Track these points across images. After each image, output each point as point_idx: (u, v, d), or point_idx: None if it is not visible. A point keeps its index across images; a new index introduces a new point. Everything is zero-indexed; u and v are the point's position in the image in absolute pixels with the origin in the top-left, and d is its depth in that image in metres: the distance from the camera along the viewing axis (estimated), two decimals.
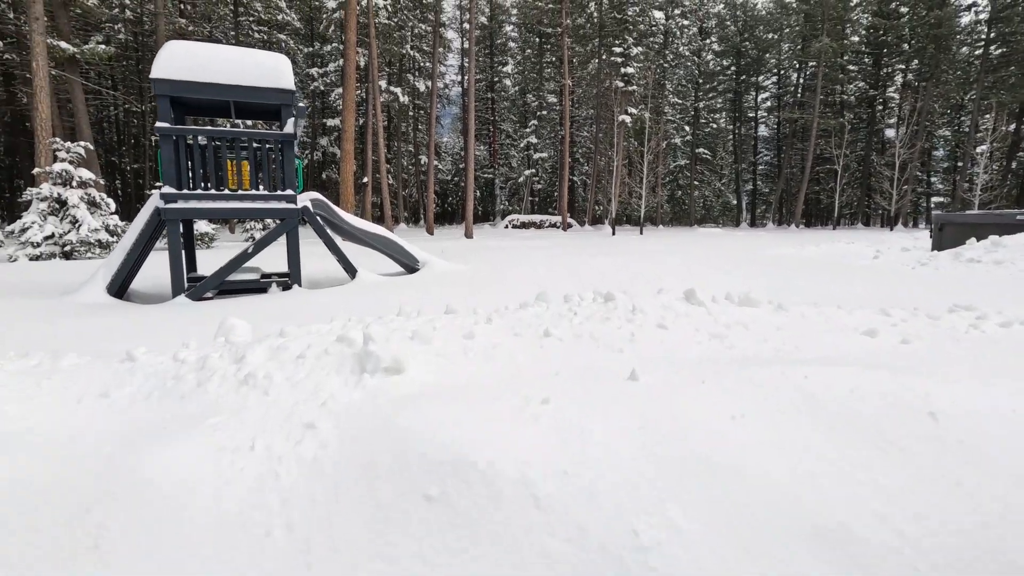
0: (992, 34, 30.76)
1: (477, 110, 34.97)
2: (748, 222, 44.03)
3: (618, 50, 29.04)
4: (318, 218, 7.31)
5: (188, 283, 6.74)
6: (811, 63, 34.49)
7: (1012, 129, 30.59)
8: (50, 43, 14.89)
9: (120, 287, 6.38)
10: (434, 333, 2.02)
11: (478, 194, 40.14)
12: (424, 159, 32.37)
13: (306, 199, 7.21)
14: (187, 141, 6.26)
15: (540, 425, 1.31)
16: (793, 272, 7.95)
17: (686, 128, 37.76)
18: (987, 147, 26.99)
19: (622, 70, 28.89)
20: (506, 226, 30.01)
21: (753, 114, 43.53)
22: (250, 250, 6.88)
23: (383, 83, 26.03)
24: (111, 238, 12.15)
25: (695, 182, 38.77)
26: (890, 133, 36.58)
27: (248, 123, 18.32)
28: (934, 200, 42.82)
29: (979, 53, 32.15)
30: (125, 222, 13.31)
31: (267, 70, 6.47)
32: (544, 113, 37.47)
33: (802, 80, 39.10)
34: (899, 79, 36.42)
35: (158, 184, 6.29)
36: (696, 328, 2.23)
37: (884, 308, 2.76)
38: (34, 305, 5.50)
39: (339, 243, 7.61)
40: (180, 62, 6.06)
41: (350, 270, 7.39)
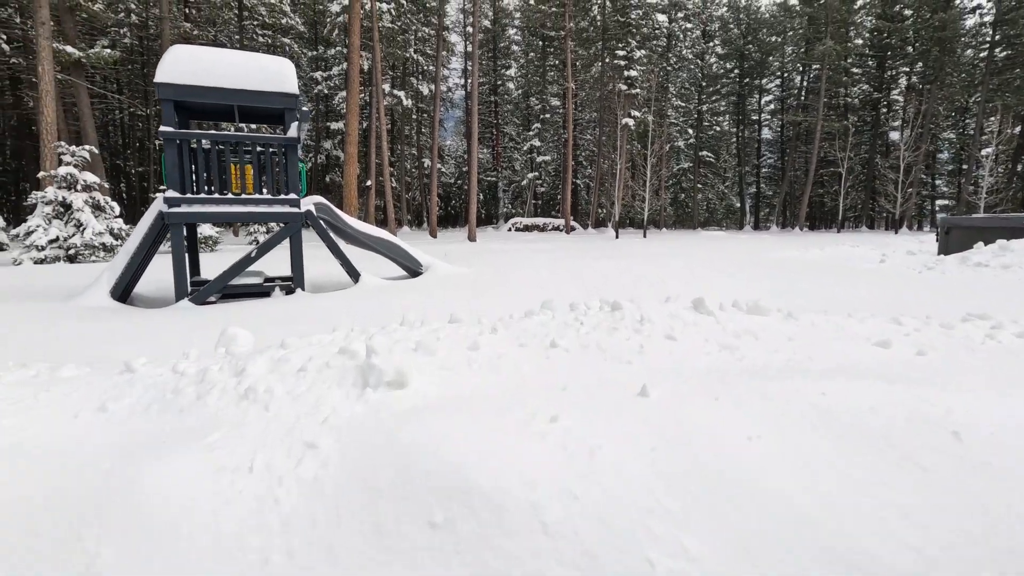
0: (997, 36, 30.64)
1: (480, 113, 35.04)
2: (751, 225, 43.91)
3: (621, 53, 29.07)
4: (321, 222, 7.29)
5: (191, 287, 6.73)
6: (815, 66, 34.42)
7: (1017, 132, 30.47)
8: (56, 47, 14.99)
9: (124, 291, 6.38)
10: (438, 344, 1.98)
11: (481, 197, 40.19)
12: (427, 162, 32.44)
13: (309, 203, 7.20)
14: (191, 145, 6.27)
15: (547, 443, 1.26)
16: (797, 275, 7.88)
17: (689, 131, 37.72)
18: (992, 150, 26.87)
19: (625, 73, 28.91)
20: (509, 229, 30.00)
21: (756, 117, 43.46)
22: (253, 254, 6.88)
23: (387, 86, 26.10)
24: (115, 241, 12.18)
25: (698, 185, 38.70)
26: (894, 136, 36.47)
27: (252, 127, 18.39)
28: (939, 203, 42.64)
29: (984, 55, 32.04)
30: (129, 225, 13.36)
31: (271, 74, 6.47)
32: (547, 116, 37.51)
33: (806, 83, 39.04)
34: (903, 82, 36.32)
35: (162, 187, 6.30)
36: (705, 338, 2.19)
37: (896, 316, 2.71)
38: (37, 309, 5.50)
39: (342, 247, 7.59)
40: (184, 66, 6.07)
41: (353, 274, 7.38)
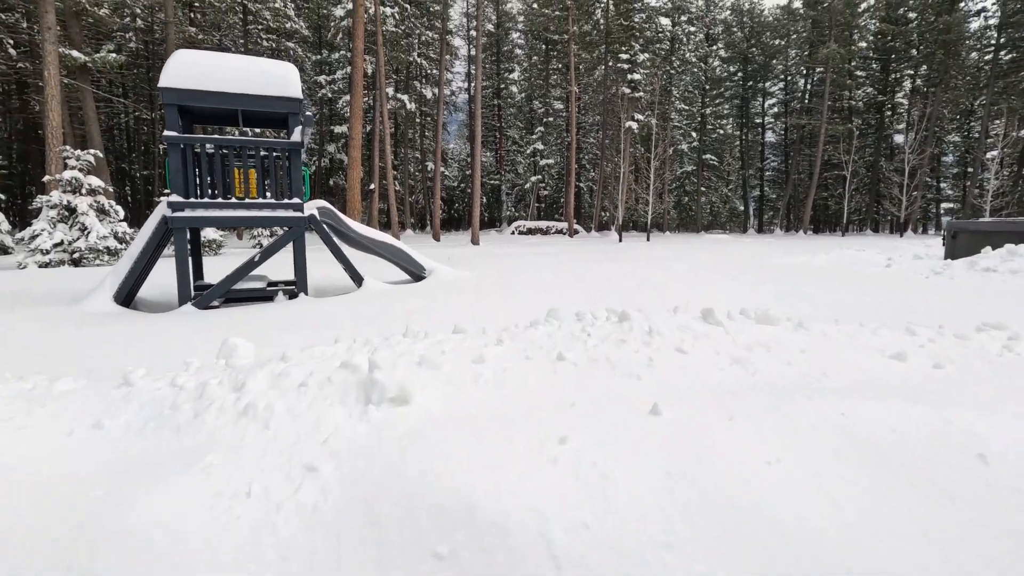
0: (1002, 39, 30.51)
1: (483, 117, 35.06)
2: (755, 228, 43.78)
3: (624, 56, 29.07)
4: (324, 226, 7.27)
5: (195, 291, 6.72)
6: (819, 69, 34.35)
7: (1023, 135, 30.28)
8: (62, 52, 15.08)
9: (127, 295, 6.37)
10: (443, 357, 1.94)
11: (484, 200, 40.21)
12: (431, 165, 32.49)
13: (313, 207, 7.18)
14: (194, 149, 6.26)
15: (558, 469, 1.21)
16: (802, 280, 7.79)
17: (693, 134, 37.67)
18: (998, 153, 26.73)
19: (628, 76, 28.89)
20: (512, 232, 29.98)
21: (760, 120, 43.38)
22: (256, 258, 6.86)
23: (390, 90, 26.18)
24: (120, 245, 12.21)
25: (702, 188, 38.62)
26: (899, 139, 36.33)
27: (256, 131, 18.43)
28: (944, 206, 42.44)
29: (989, 58, 31.93)
30: (134, 229, 13.39)
31: (274, 79, 6.47)
32: (550, 119, 37.52)
33: (809, 86, 38.96)
34: (908, 84, 36.21)
35: (166, 191, 6.28)
36: (716, 351, 2.13)
37: (909, 326, 2.65)
38: (40, 314, 5.48)
39: (346, 251, 7.57)
40: (188, 71, 6.07)
41: (356, 278, 7.35)
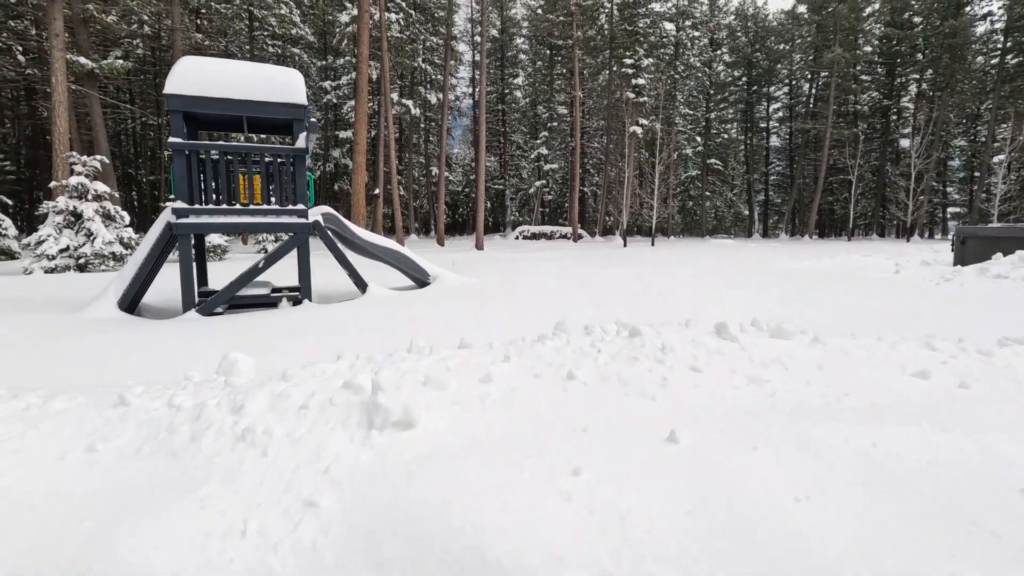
0: (1008, 43, 30.34)
1: (488, 122, 35.13)
2: (760, 233, 43.61)
3: (629, 61, 29.06)
4: (329, 232, 7.25)
5: (199, 297, 6.70)
6: (823, 73, 34.23)
7: None
8: (70, 58, 15.20)
9: (132, 302, 6.35)
10: (448, 375, 1.87)
11: (489, 205, 40.22)
12: (435, 170, 32.54)
13: (317, 213, 7.16)
14: (199, 156, 6.25)
15: (572, 505, 1.14)
16: (807, 286, 7.69)
17: (697, 139, 37.61)
18: (1005, 157, 26.52)
19: (633, 81, 28.88)
20: (517, 237, 29.95)
21: (765, 124, 43.29)
22: (261, 264, 6.84)
23: (395, 95, 26.25)
24: (125, 251, 12.24)
25: (706, 193, 38.51)
26: (905, 143, 36.12)
27: (261, 137, 18.50)
28: (950, 211, 42.14)
29: (995, 62, 31.74)
30: (140, 234, 13.44)
31: (279, 85, 6.46)
32: (555, 124, 37.55)
33: (814, 90, 38.85)
34: (913, 89, 36.06)
35: (171, 196, 6.28)
36: (732, 369, 2.06)
37: (928, 340, 2.57)
38: (45, 320, 5.46)
39: (350, 257, 7.54)
40: (193, 78, 6.07)
41: (360, 284, 7.32)
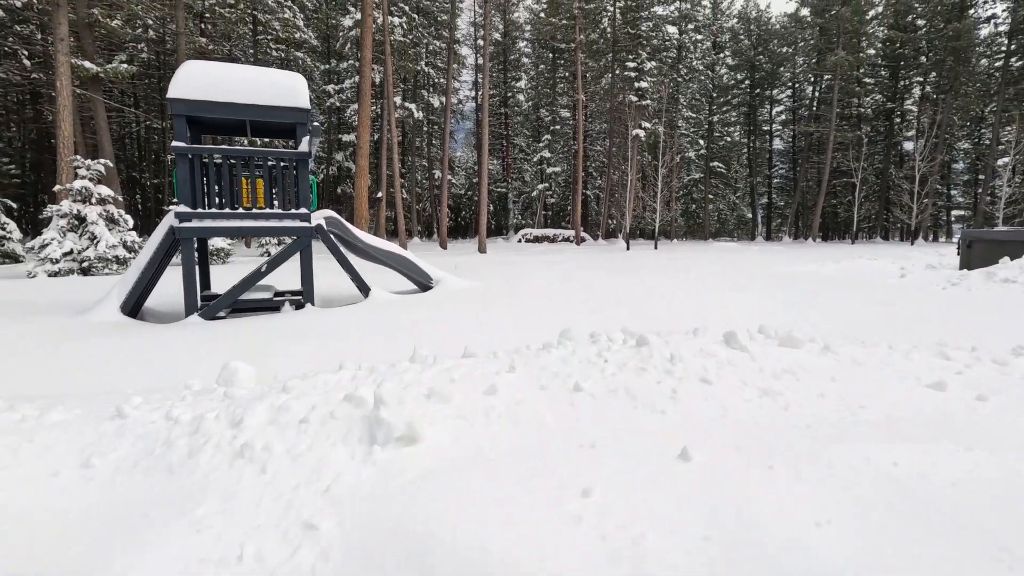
0: (1012, 46, 30.21)
1: (490, 125, 35.17)
2: (764, 236, 43.49)
3: (632, 65, 29.07)
4: (331, 236, 7.23)
5: (202, 301, 6.69)
6: (826, 76, 34.16)
7: None
8: (74, 63, 15.26)
9: (134, 306, 6.34)
10: (452, 387, 1.83)
11: (491, 208, 40.23)
12: (438, 174, 32.56)
13: (320, 217, 7.15)
14: (203, 160, 6.25)
15: (583, 530, 1.10)
16: (812, 291, 7.62)
17: (700, 142, 37.56)
18: (1009, 160, 26.38)
19: (636, 84, 28.88)
20: (519, 240, 29.93)
21: (768, 127, 43.23)
22: (263, 268, 6.83)
23: (398, 99, 26.30)
24: (128, 254, 12.25)
25: (709, 196, 38.44)
26: (908, 146, 36.00)
27: (265, 141, 18.53)
28: (955, 214, 41.92)
29: (999, 65, 31.59)
30: (143, 237, 13.45)
31: (283, 89, 6.45)
32: (557, 128, 37.57)
33: (817, 93, 38.76)
34: (917, 91, 35.92)
35: (175, 200, 6.27)
36: (743, 381, 2.01)
37: (943, 350, 2.52)
38: (46, 325, 5.45)
39: (353, 261, 7.52)
40: (196, 82, 6.06)
41: (363, 288, 7.30)
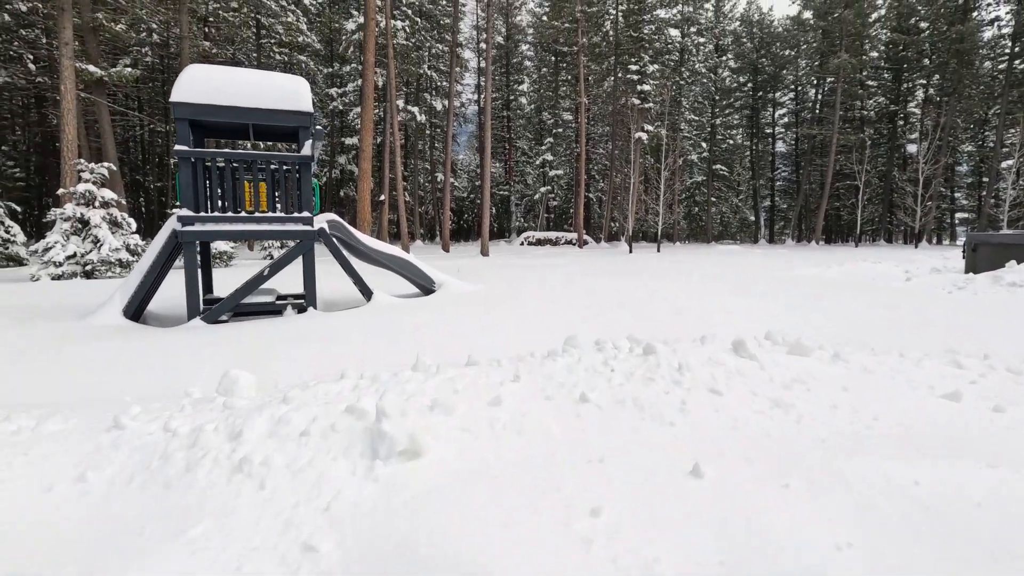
0: (1016, 48, 30.10)
1: (493, 128, 35.22)
2: (766, 238, 43.36)
3: (634, 68, 29.09)
4: (334, 239, 7.21)
5: (204, 305, 6.67)
6: (829, 79, 34.10)
7: None
8: (79, 67, 15.32)
9: (137, 309, 6.33)
10: (456, 398, 1.79)
11: (494, 211, 40.26)
12: (440, 177, 32.60)
13: (323, 220, 7.13)
14: (205, 163, 6.24)
15: (593, 551, 1.06)
16: (814, 295, 7.56)
17: (703, 144, 37.52)
18: (1013, 162, 26.24)
19: (638, 87, 28.89)
20: (522, 243, 29.90)
21: (770, 130, 43.16)
22: (266, 272, 6.80)
23: (401, 102, 26.36)
24: (132, 258, 12.26)
25: (712, 198, 38.36)
26: (912, 148, 35.86)
27: (267, 144, 18.58)
28: (959, 216, 41.74)
29: (1003, 67, 31.48)
30: (147, 240, 13.49)
31: (286, 93, 6.44)
32: (560, 131, 37.58)
33: (820, 96, 38.70)
34: (920, 94, 35.80)
35: (178, 203, 6.27)
36: (753, 391, 1.97)
37: (955, 358, 2.47)
38: (50, 328, 5.44)
39: (355, 264, 7.49)
40: (200, 86, 6.06)
41: (366, 292, 7.27)
